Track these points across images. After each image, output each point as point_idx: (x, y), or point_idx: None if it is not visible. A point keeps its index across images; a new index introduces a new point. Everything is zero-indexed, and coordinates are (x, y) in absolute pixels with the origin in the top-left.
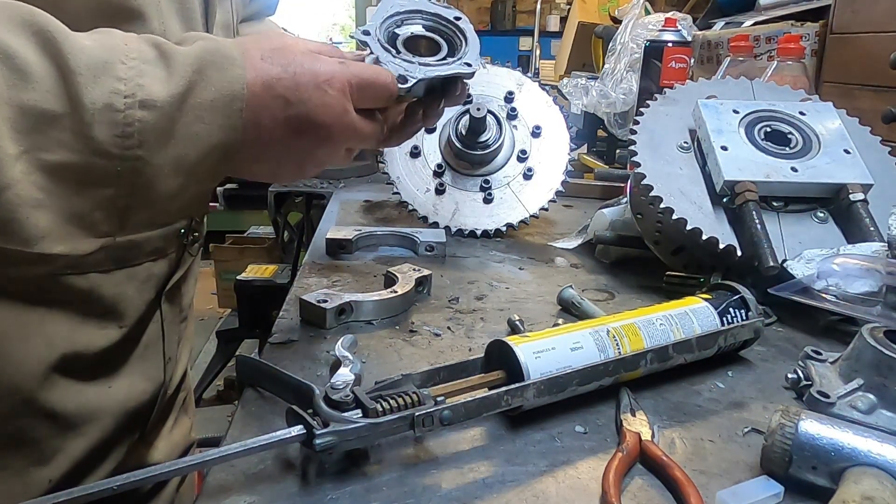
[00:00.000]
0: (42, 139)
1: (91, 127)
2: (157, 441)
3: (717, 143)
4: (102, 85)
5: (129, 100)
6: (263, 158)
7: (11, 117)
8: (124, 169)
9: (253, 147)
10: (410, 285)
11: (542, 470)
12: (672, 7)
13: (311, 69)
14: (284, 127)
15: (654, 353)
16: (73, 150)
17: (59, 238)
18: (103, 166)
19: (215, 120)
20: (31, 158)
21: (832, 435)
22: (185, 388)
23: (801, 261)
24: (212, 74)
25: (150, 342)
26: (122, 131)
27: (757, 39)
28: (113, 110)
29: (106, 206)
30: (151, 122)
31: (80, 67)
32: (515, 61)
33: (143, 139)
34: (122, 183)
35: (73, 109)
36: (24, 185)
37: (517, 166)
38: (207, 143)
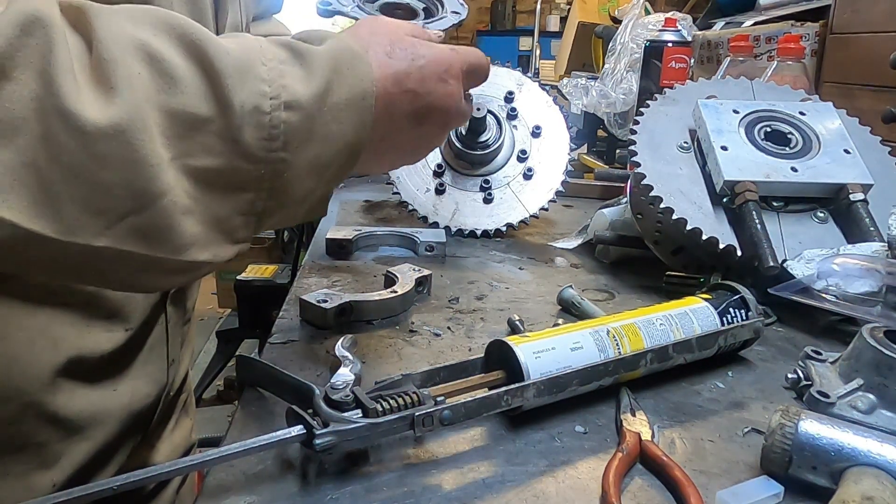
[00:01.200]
0: (189, 144)
1: (240, 130)
2: (159, 443)
3: (717, 143)
4: (249, 87)
5: (275, 101)
6: (386, 151)
7: (161, 123)
8: (266, 172)
9: (379, 142)
10: (410, 285)
11: (542, 470)
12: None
13: (434, 59)
14: (410, 119)
15: (654, 353)
16: (220, 155)
17: (204, 245)
18: (247, 170)
19: (350, 118)
20: (179, 164)
21: (832, 435)
22: (186, 390)
23: (801, 261)
24: (345, 73)
25: (155, 344)
26: (269, 133)
27: (757, 39)
28: (260, 112)
29: (245, 211)
30: (295, 123)
31: (228, 69)
32: (515, 61)
33: (287, 141)
34: (262, 186)
35: (221, 113)
36: (177, 191)
37: (517, 166)
38: (341, 142)
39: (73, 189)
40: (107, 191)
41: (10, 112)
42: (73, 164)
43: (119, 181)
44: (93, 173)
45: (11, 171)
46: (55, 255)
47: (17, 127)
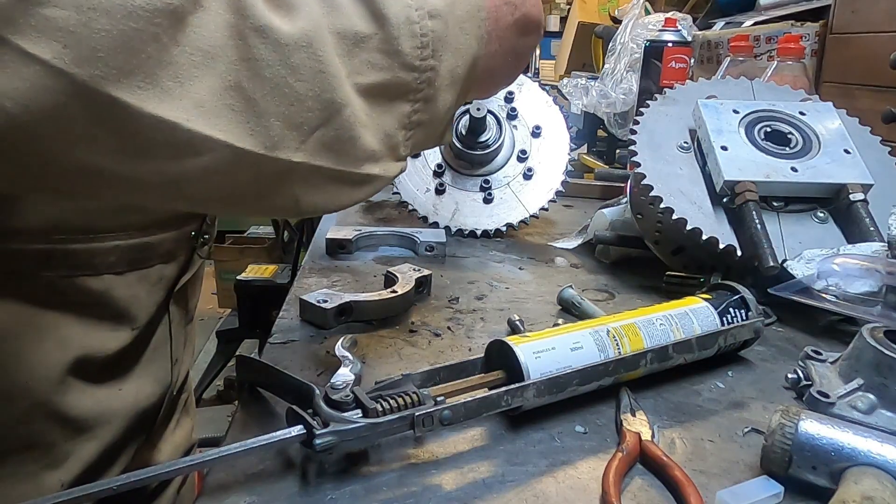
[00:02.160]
0: (356, 62)
1: (398, 41)
2: (161, 443)
3: (717, 143)
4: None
5: (420, 11)
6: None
7: (335, 43)
8: (422, 80)
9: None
10: (410, 285)
11: (542, 470)
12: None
13: None
14: (515, 31)
15: (654, 353)
16: (384, 68)
17: (377, 159)
18: (407, 80)
19: (472, 29)
20: (352, 83)
21: (832, 435)
22: (186, 389)
23: (801, 261)
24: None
25: (159, 344)
26: (421, 42)
27: (757, 39)
28: (411, 22)
29: (404, 124)
30: (439, 31)
31: None
32: None
33: (435, 49)
34: (418, 97)
35: (380, 27)
36: (355, 105)
37: (517, 166)
38: (469, 54)
39: (275, 103)
40: (301, 102)
41: (208, 40)
42: (274, 77)
43: (310, 92)
44: (290, 85)
45: (218, 95)
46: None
47: (215, 54)
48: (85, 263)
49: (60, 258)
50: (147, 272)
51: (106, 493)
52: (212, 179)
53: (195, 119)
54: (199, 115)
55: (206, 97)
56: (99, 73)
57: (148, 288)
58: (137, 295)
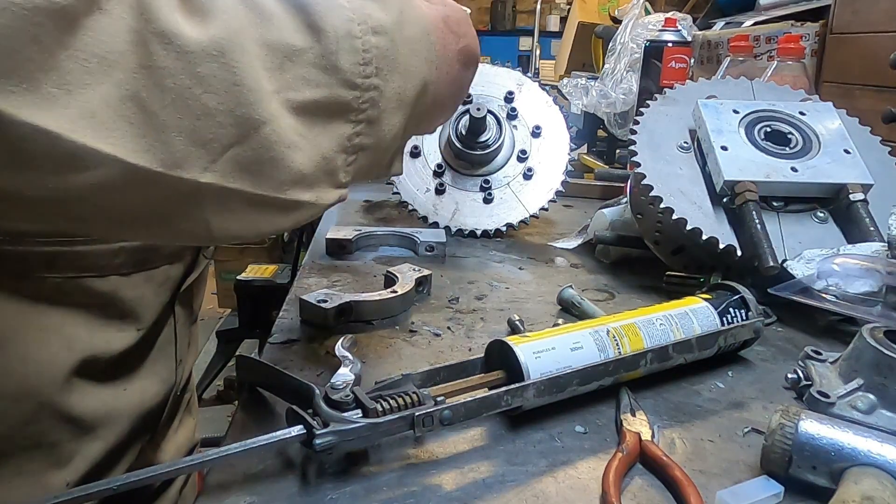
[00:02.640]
0: (289, 77)
1: (336, 55)
2: (164, 443)
3: (717, 143)
4: (336, 13)
5: (363, 26)
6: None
7: (260, 55)
8: (364, 100)
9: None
10: (410, 285)
11: (542, 470)
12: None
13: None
14: (458, 60)
15: (654, 353)
16: (320, 85)
17: (308, 185)
18: (346, 99)
19: (421, 52)
20: (282, 99)
21: (832, 435)
22: (189, 389)
23: (801, 261)
24: (408, 10)
25: (164, 344)
26: (362, 58)
27: (757, 39)
28: (352, 36)
29: (345, 148)
30: (383, 48)
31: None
32: (515, 61)
33: (379, 66)
34: (360, 117)
35: (316, 40)
36: (280, 123)
37: (517, 166)
38: (418, 77)
39: (178, 117)
40: (211, 117)
41: (105, 45)
42: (177, 87)
43: (222, 107)
44: (196, 97)
45: (112, 107)
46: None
47: (113, 60)
48: (91, 265)
49: (67, 260)
50: (153, 273)
51: (107, 493)
52: (104, 198)
53: (81, 130)
54: (86, 126)
55: (97, 107)
56: None
57: (154, 288)
58: (143, 296)
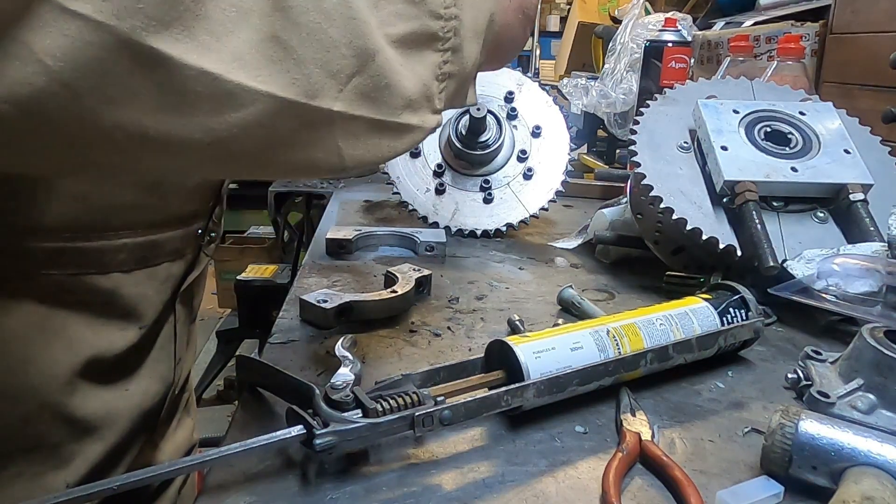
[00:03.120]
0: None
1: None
2: (163, 443)
3: (717, 143)
4: None
5: None
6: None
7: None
8: (447, 29)
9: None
10: (410, 285)
11: (542, 470)
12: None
13: None
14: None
15: (654, 353)
16: (410, 18)
17: (415, 109)
18: (434, 29)
19: None
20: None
21: (832, 435)
22: (188, 389)
23: (801, 261)
24: None
25: (164, 343)
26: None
27: (757, 39)
28: None
29: (437, 75)
30: None
31: None
32: (515, 61)
33: None
34: (446, 46)
35: None
36: (388, 52)
37: (517, 166)
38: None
39: (313, 50)
40: (336, 49)
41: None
42: (308, 23)
43: (344, 39)
44: (325, 31)
45: (256, 48)
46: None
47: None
48: (94, 261)
49: (69, 256)
50: (155, 270)
51: (106, 493)
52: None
53: (236, 70)
54: (239, 67)
55: (244, 49)
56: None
57: (156, 286)
58: (145, 293)
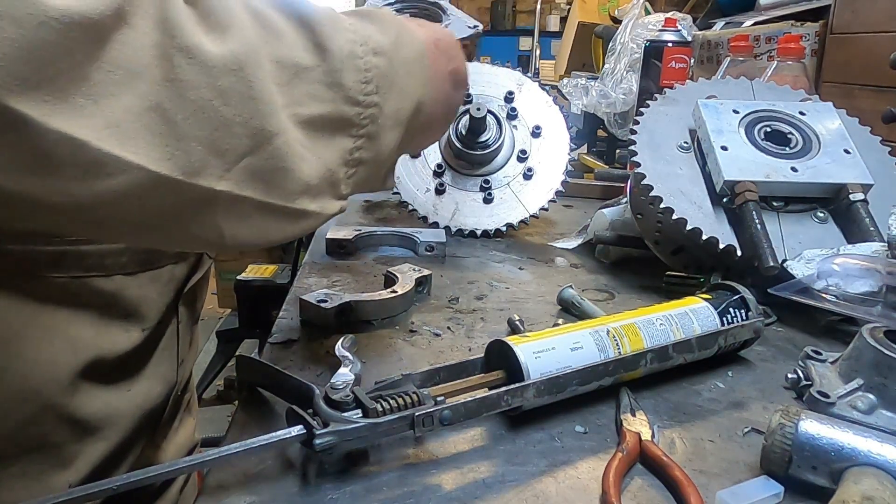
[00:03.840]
0: (297, 93)
1: (341, 73)
2: (164, 443)
3: (717, 143)
4: (341, 34)
5: (364, 47)
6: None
7: (271, 71)
8: (364, 116)
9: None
10: (410, 285)
11: (542, 470)
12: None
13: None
14: (449, 81)
15: (654, 353)
16: (325, 101)
17: (314, 195)
18: (349, 115)
19: (417, 75)
20: (290, 113)
21: (832, 435)
22: (189, 389)
23: (801, 261)
24: (404, 33)
25: (167, 344)
26: (364, 77)
27: (757, 39)
28: (355, 57)
29: (346, 161)
30: (383, 68)
31: (322, 20)
32: (515, 61)
33: (378, 85)
34: (360, 132)
35: (322, 59)
36: (290, 135)
37: (517, 166)
38: (413, 98)
39: (198, 127)
40: (228, 128)
41: (131, 58)
42: (198, 99)
43: (239, 118)
44: (216, 109)
45: (136, 116)
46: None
47: (137, 72)
48: (96, 264)
49: (72, 259)
50: (158, 272)
51: (107, 493)
52: (125, 204)
53: (107, 139)
54: (111, 135)
55: (122, 116)
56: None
57: (159, 288)
58: (148, 295)
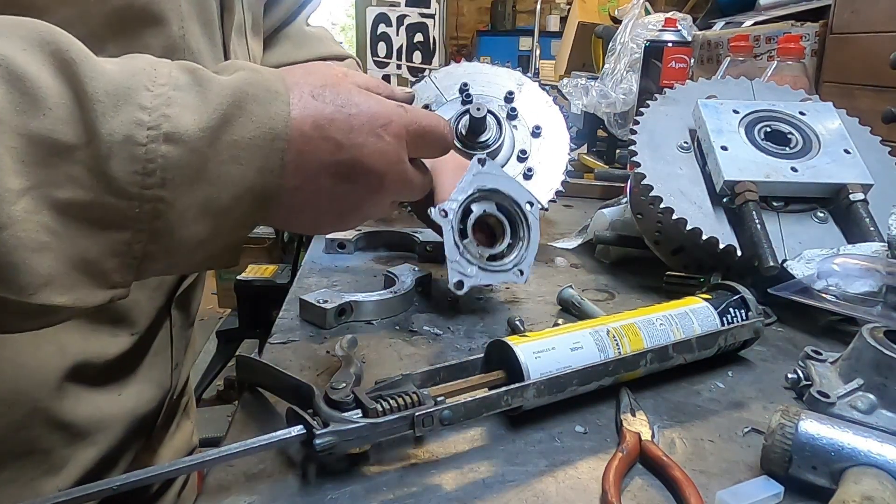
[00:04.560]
0: (52, 173)
1: (107, 161)
2: (161, 448)
3: (717, 143)
4: (123, 114)
5: (153, 132)
6: (304, 207)
7: (18, 147)
8: (143, 211)
9: (295, 194)
10: (410, 285)
11: (542, 470)
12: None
13: (369, 111)
14: (332, 173)
15: (654, 353)
16: (86, 188)
17: (63, 288)
18: (119, 207)
19: (253, 161)
20: (39, 195)
21: (832, 435)
22: (187, 393)
23: (801, 261)
24: (252, 109)
25: (160, 349)
26: (143, 167)
27: (757, 39)
28: (134, 143)
29: (120, 252)
30: (176, 158)
31: (99, 94)
32: (515, 61)
33: (167, 177)
34: (140, 227)
35: (88, 141)
36: (26, 225)
37: (517, 166)
38: (242, 186)
39: None
40: None
41: None
42: None
43: None
44: None
45: None
46: None
47: None
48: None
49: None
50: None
51: (106, 494)
52: None
53: None
54: None
55: None
56: None
57: (148, 293)
58: (137, 300)
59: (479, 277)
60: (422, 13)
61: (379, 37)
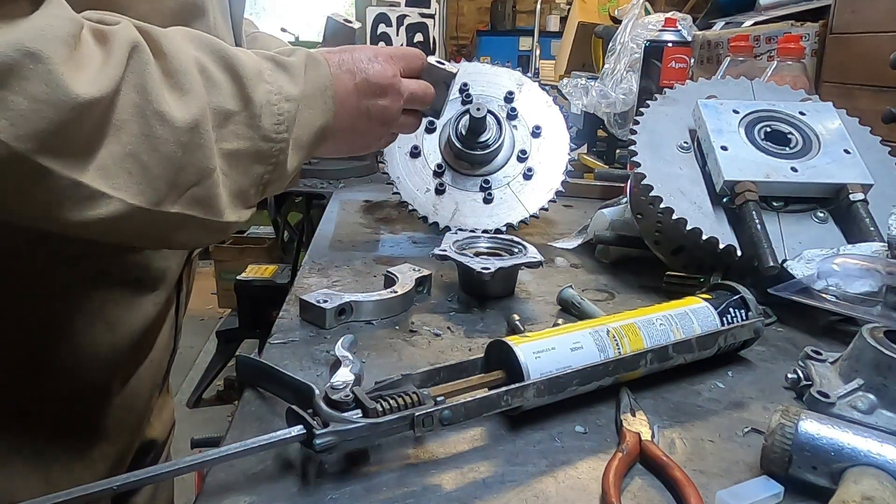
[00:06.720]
0: (223, 132)
1: (260, 118)
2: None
3: (717, 143)
4: (261, 87)
5: (278, 96)
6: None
7: (211, 118)
8: (276, 149)
9: (342, 119)
10: (410, 285)
11: (542, 470)
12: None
13: (363, 48)
14: (357, 93)
15: (654, 353)
16: (246, 139)
17: (232, 209)
18: (265, 149)
19: (318, 106)
20: (218, 147)
21: (832, 435)
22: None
23: (801, 261)
24: (311, 74)
25: (172, 313)
26: (278, 119)
27: (757, 39)
28: (271, 104)
29: (257, 182)
30: (292, 111)
31: (248, 74)
32: (515, 61)
33: (288, 125)
34: (271, 162)
35: (245, 106)
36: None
37: (517, 166)
38: (314, 126)
39: (165, 170)
40: (184, 169)
41: (118, 115)
42: (167, 152)
43: (192, 162)
44: (178, 157)
45: (119, 161)
46: (143, 221)
47: (122, 126)
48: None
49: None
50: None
51: (107, 494)
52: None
53: (98, 179)
54: (100, 176)
55: (108, 161)
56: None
57: (178, 258)
58: (170, 266)
59: (501, 263)
60: (422, 13)
61: (379, 37)
